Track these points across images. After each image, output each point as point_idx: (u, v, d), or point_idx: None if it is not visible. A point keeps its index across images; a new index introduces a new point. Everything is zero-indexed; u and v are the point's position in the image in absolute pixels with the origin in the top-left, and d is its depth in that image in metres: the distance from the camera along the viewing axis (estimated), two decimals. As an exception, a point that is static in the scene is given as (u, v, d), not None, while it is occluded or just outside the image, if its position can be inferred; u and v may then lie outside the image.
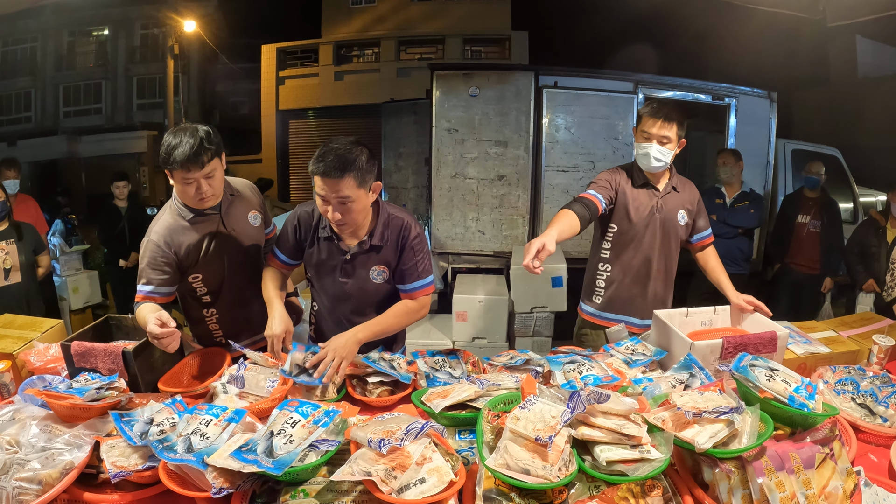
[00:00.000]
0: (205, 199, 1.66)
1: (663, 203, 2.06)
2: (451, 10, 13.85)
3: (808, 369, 1.68)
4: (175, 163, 1.56)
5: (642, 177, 2.06)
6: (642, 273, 2.08)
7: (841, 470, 1.07)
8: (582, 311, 2.25)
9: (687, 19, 9.36)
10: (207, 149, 1.58)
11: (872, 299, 3.70)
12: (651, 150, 1.95)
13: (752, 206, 3.87)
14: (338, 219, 1.57)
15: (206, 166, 1.59)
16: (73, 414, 1.24)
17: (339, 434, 1.20)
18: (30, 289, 3.30)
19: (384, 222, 1.70)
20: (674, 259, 2.14)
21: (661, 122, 1.93)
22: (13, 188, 3.80)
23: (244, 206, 1.86)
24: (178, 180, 1.61)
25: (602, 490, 1.05)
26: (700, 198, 2.16)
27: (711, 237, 2.18)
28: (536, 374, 1.60)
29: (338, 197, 1.53)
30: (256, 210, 1.89)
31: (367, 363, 1.59)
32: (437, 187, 4.57)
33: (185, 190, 1.63)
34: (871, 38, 8.68)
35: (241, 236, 1.82)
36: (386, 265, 1.73)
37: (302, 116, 14.41)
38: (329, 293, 1.80)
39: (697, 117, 5.83)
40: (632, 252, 2.08)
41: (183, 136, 1.57)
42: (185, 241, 1.70)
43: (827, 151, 5.54)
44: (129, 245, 4.45)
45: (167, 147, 1.57)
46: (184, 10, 11.16)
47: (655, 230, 2.05)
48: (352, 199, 1.54)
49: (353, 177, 1.51)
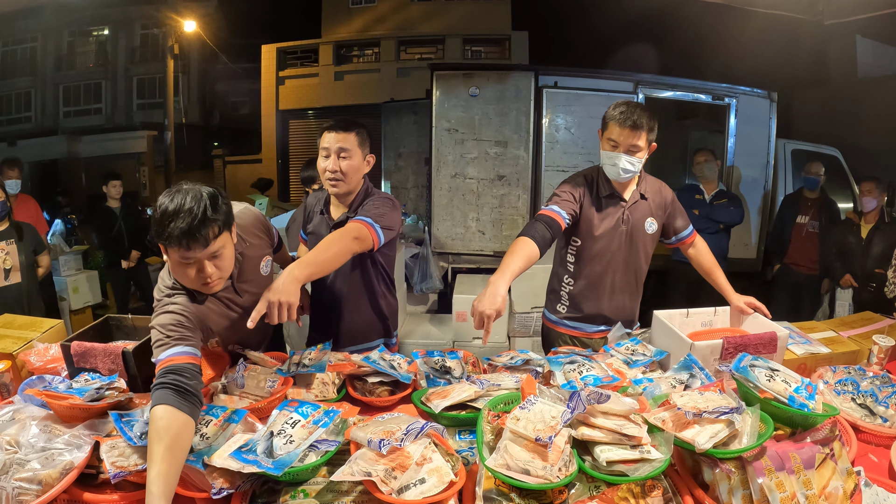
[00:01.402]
0: (209, 285, 1.34)
1: (630, 214, 1.93)
2: (451, 10, 13.84)
3: (808, 369, 1.68)
4: (171, 238, 1.21)
5: (608, 186, 1.92)
6: (607, 286, 1.97)
7: (841, 470, 1.07)
8: (546, 318, 2.18)
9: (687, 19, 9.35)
10: (214, 221, 1.24)
11: (850, 295, 3.78)
12: (619, 161, 1.81)
13: (732, 203, 3.86)
14: (335, 168, 1.75)
15: (210, 244, 1.26)
16: (73, 414, 1.24)
17: (339, 434, 1.20)
18: (30, 289, 3.30)
19: (364, 197, 1.85)
20: (642, 270, 2.03)
21: (630, 130, 1.77)
22: (15, 188, 3.81)
23: (255, 257, 1.59)
24: (175, 260, 1.28)
25: (602, 490, 1.05)
26: (675, 197, 2.04)
27: (694, 234, 2.08)
28: (536, 375, 1.60)
29: (340, 147, 1.74)
30: (267, 255, 1.65)
31: (367, 363, 1.59)
32: (437, 187, 4.57)
33: (185, 272, 1.30)
34: (871, 38, 8.68)
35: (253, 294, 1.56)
36: None
37: (302, 116, 14.41)
38: None
39: (697, 117, 5.83)
40: (596, 265, 1.96)
41: (182, 203, 1.22)
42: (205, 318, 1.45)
43: (827, 151, 5.54)
44: (129, 245, 4.41)
45: (162, 214, 1.22)
46: (184, 10, 11.17)
47: (621, 244, 1.94)
48: (350, 152, 1.75)
49: (355, 134, 1.77)
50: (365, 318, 1.94)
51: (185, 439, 1.10)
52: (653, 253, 2.05)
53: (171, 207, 1.22)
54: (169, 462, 1.04)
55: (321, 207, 1.93)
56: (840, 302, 3.87)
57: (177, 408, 1.13)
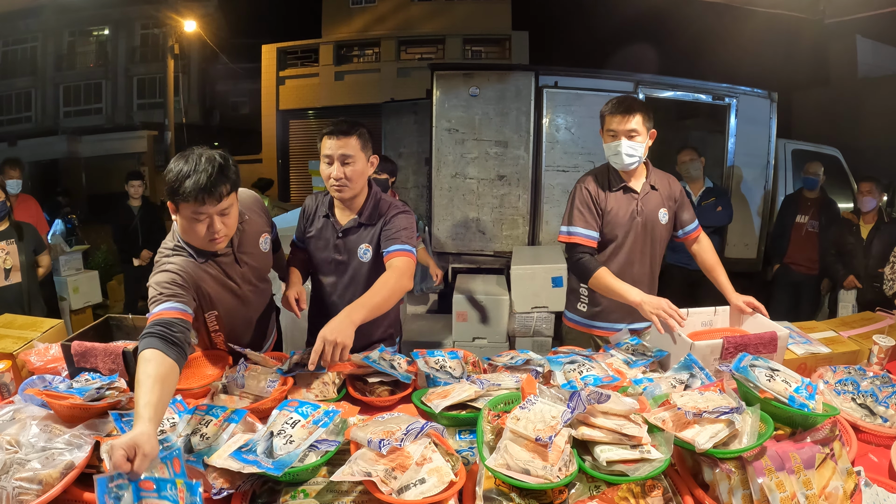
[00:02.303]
0: (217, 240, 1.45)
1: (643, 205, 2.00)
2: (451, 10, 13.85)
3: (808, 369, 1.68)
4: (187, 194, 1.33)
5: (619, 179, 2.00)
6: (626, 279, 1.98)
7: (841, 470, 1.07)
8: (566, 318, 2.21)
9: (687, 19, 9.36)
10: (227, 179, 1.37)
11: (854, 295, 3.76)
12: (621, 148, 1.88)
13: (720, 202, 3.81)
14: (339, 175, 1.71)
15: (223, 200, 1.38)
16: (73, 414, 1.24)
17: (339, 434, 1.20)
18: (30, 289, 3.30)
19: (374, 203, 1.83)
20: (658, 261, 2.09)
21: (622, 116, 1.87)
22: (16, 188, 3.82)
23: (254, 232, 1.68)
24: (187, 216, 1.39)
25: (602, 490, 1.05)
26: (682, 190, 2.10)
27: (699, 229, 2.12)
28: (536, 374, 1.60)
29: (343, 153, 1.70)
30: (266, 232, 1.73)
31: (367, 363, 1.59)
32: (437, 187, 4.57)
33: (195, 228, 1.40)
34: (872, 38, 8.68)
35: (252, 266, 1.67)
36: (371, 244, 1.82)
37: (302, 116, 14.42)
38: (323, 271, 1.90)
39: (698, 117, 5.83)
40: (614, 259, 2.02)
41: (197, 163, 1.35)
42: (201, 281, 1.53)
43: (827, 151, 5.54)
44: (142, 244, 4.61)
45: (177, 174, 1.34)
46: (184, 10, 11.17)
47: (637, 235, 2.00)
48: (354, 158, 1.71)
49: (356, 137, 1.72)
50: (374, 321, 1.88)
51: (171, 380, 1.19)
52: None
53: (186, 167, 1.34)
54: (158, 394, 1.11)
55: (325, 211, 1.87)
56: (843, 303, 3.85)
57: (163, 352, 1.21)
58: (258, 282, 1.74)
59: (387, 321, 1.98)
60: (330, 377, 1.56)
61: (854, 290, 3.75)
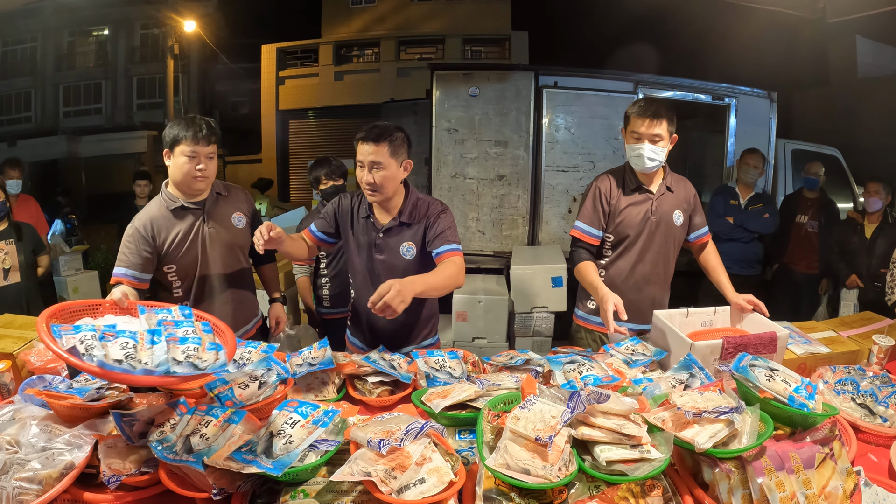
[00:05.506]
0: (200, 178, 1.82)
1: (658, 205, 2.02)
2: (451, 10, 13.85)
3: (808, 369, 1.68)
4: (187, 137, 1.76)
5: (635, 180, 2.02)
6: (638, 279, 2.04)
7: (841, 470, 1.07)
8: (576, 316, 2.22)
9: (687, 19, 9.35)
10: (214, 132, 1.83)
11: (856, 295, 3.77)
12: (644, 151, 1.91)
13: (767, 209, 3.83)
14: (370, 181, 1.77)
15: (211, 145, 1.82)
16: (73, 414, 1.24)
17: (339, 434, 1.20)
18: (29, 289, 3.30)
19: (413, 203, 1.89)
20: (671, 262, 2.10)
21: (650, 120, 1.88)
22: (16, 188, 3.82)
23: (230, 207, 2.00)
24: (182, 154, 1.78)
25: (602, 490, 1.05)
26: (696, 194, 2.12)
27: (708, 234, 2.15)
28: (536, 374, 1.60)
29: (372, 160, 1.75)
30: (242, 213, 2.02)
31: (366, 363, 1.59)
32: (437, 187, 4.57)
33: (186, 167, 1.79)
34: (872, 38, 8.68)
35: (220, 235, 1.94)
36: (414, 242, 1.87)
37: (302, 116, 14.42)
38: (365, 270, 1.93)
39: (697, 117, 5.83)
40: (627, 258, 2.04)
41: (194, 119, 1.80)
42: (165, 231, 1.85)
43: (827, 151, 5.53)
44: None
45: (179, 124, 1.78)
46: (184, 10, 11.17)
47: (651, 235, 2.02)
48: (383, 165, 1.76)
49: (387, 144, 1.76)
50: (412, 319, 1.95)
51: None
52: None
53: (186, 122, 1.79)
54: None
55: (366, 212, 1.90)
56: (845, 302, 3.85)
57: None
58: (225, 252, 1.95)
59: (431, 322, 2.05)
60: (330, 377, 1.56)
61: (856, 289, 3.75)
